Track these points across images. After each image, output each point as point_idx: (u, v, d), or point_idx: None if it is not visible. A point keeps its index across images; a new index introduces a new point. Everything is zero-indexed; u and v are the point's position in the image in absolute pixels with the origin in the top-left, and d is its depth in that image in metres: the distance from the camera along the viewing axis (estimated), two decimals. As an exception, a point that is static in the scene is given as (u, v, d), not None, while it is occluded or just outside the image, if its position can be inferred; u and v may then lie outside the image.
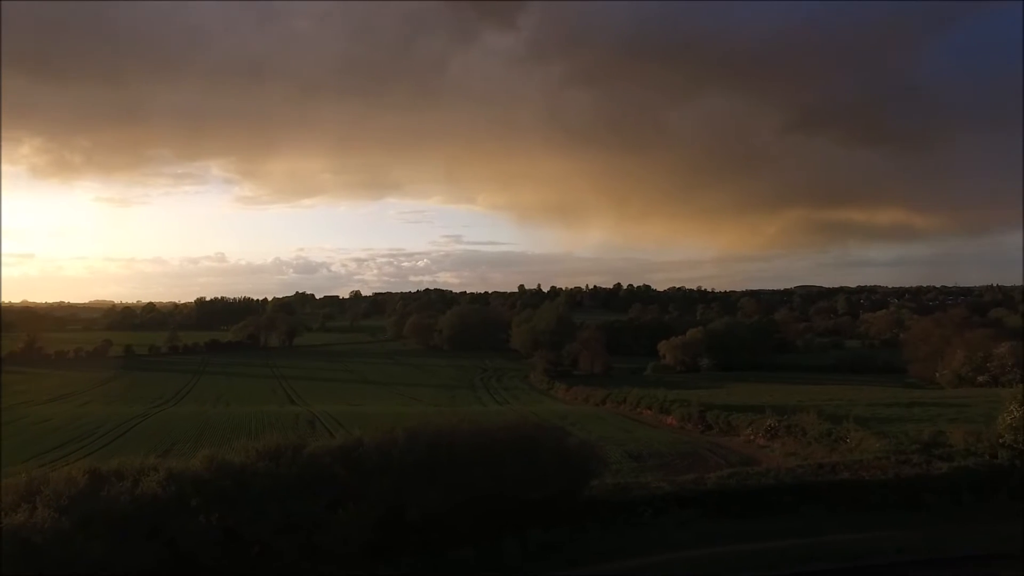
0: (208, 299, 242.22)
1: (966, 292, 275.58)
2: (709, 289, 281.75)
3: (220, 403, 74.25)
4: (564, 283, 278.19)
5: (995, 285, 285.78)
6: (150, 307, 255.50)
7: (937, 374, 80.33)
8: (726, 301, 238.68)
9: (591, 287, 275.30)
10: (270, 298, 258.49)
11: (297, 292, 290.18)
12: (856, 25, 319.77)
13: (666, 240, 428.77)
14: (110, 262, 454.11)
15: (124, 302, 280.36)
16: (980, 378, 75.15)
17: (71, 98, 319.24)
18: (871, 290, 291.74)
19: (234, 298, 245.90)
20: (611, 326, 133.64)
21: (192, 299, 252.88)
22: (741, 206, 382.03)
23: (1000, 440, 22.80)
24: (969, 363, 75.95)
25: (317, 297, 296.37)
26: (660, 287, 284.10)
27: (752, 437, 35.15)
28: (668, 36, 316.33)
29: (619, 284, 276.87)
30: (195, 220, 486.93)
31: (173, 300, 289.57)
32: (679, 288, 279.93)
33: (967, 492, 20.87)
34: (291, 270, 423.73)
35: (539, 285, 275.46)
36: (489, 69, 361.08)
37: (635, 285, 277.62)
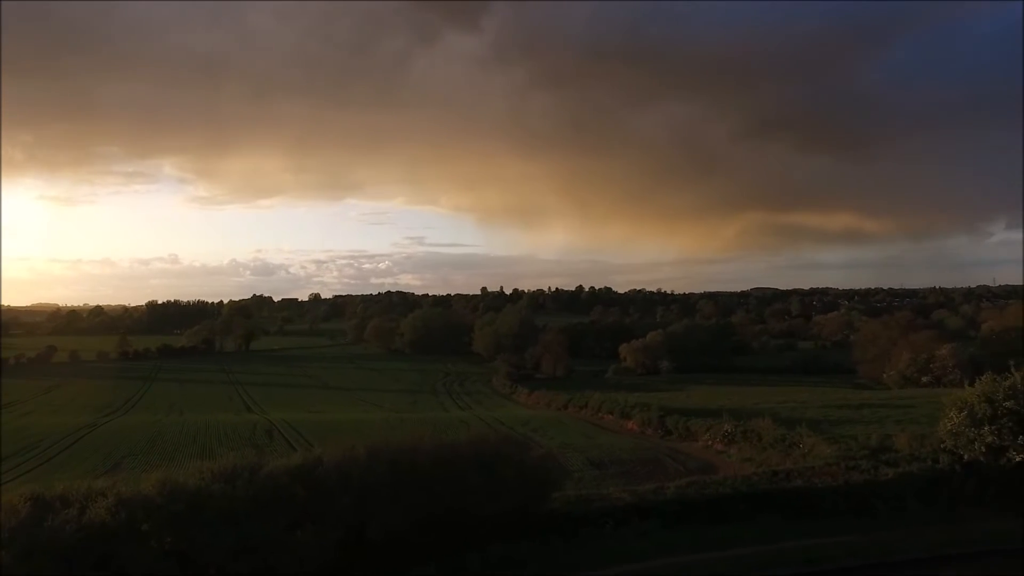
0: (160, 302, 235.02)
1: (912, 294, 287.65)
2: (669, 291, 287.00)
3: (173, 412, 71.95)
4: (527, 285, 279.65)
5: (938, 287, 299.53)
6: (98, 310, 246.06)
7: (884, 375, 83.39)
8: (685, 303, 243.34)
9: (553, 289, 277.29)
10: (226, 301, 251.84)
11: (254, 295, 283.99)
12: (806, 36, 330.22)
13: (627, 242, 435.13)
14: (55, 263, 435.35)
15: (70, 305, 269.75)
16: (924, 378, 78.37)
17: (10, 91, 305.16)
18: (823, 292, 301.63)
19: (188, 301, 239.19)
20: (573, 329, 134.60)
21: (143, 302, 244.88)
22: (700, 209, 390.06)
23: (942, 445, 23.80)
24: (914, 364, 79.07)
25: (275, 300, 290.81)
26: (621, 289, 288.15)
27: (710, 442, 35.86)
28: (629, 41, 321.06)
29: (581, 286, 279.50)
30: (146, 220, 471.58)
31: (123, 303, 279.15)
32: (639, 290, 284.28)
33: (912, 498, 21.72)
34: (248, 272, 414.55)
35: (501, 287, 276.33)
36: (452, 70, 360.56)
37: (597, 287, 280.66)
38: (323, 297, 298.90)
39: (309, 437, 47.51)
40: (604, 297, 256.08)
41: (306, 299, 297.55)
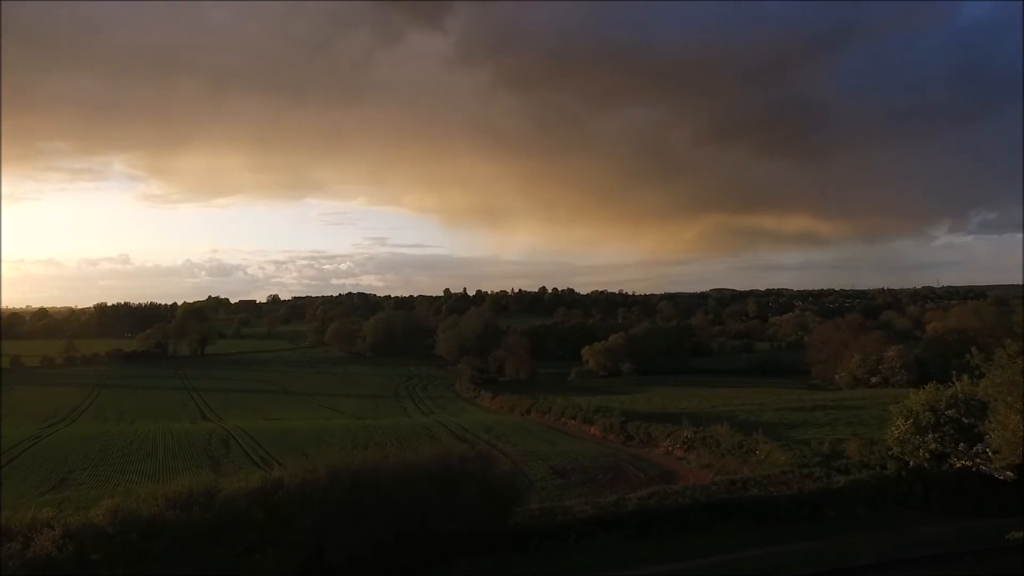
0: (110, 304, 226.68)
1: (861, 295, 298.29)
2: (630, 292, 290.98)
3: (124, 421, 69.49)
4: (490, 287, 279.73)
5: (886, 289, 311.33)
6: (42, 313, 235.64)
7: (836, 376, 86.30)
8: (646, 304, 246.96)
9: (517, 291, 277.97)
10: (180, 303, 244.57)
11: (210, 296, 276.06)
12: (764, 43, 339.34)
13: (591, 244, 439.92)
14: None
15: (11, 307, 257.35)
16: (873, 379, 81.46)
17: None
18: (779, 293, 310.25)
19: (139, 303, 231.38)
20: (536, 331, 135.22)
21: (91, 304, 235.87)
22: (663, 212, 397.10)
23: (889, 452, 24.74)
24: (863, 366, 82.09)
25: (232, 302, 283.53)
26: (584, 291, 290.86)
27: (671, 448, 36.47)
28: (592, 44, 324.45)
29: (544, 288, 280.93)
30: (94, 219, 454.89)
31: (69, 305, 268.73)
32: (602, 292, 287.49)
33: (861, 504, 22.52)
34: (204, 273, 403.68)
35: (465, 289, 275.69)
36: (416, 70, 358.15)
37: (560, 289, 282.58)
38: (282, 299, 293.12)
39: (268, 447, 46.50)
40: (567, 299, 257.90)
41: (264, 301, 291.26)
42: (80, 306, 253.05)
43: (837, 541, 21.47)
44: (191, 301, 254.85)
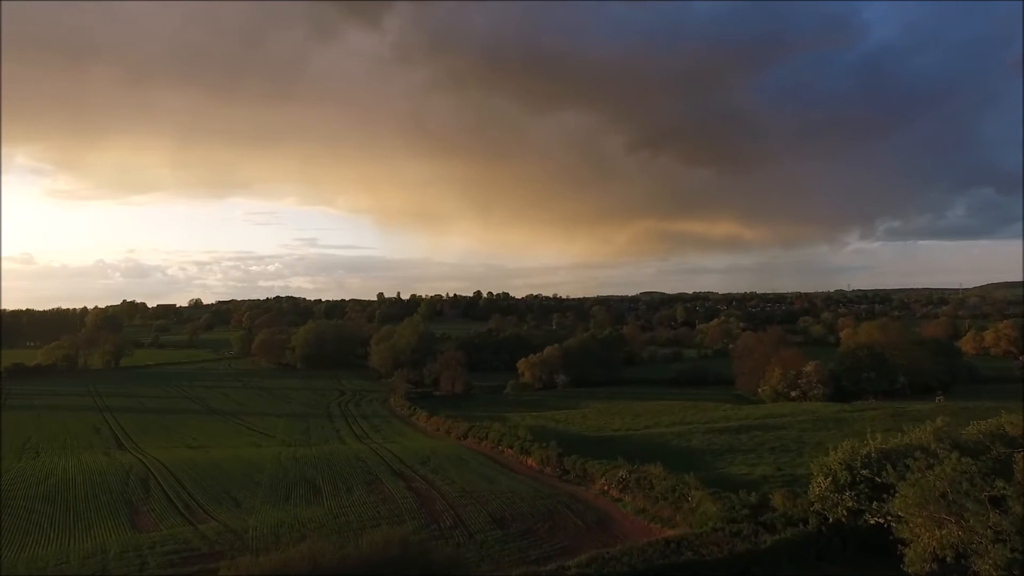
0: (10, 310, 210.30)
1: (781, 299, 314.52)
2: (564, 296, 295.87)
3: (27, 454, 64.06)
4: (424, 289, 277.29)
5: (802, 293, 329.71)
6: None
7: (759, 389, 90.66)
8: (580, 309, 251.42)
9: (451, 295, 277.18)
10: (91, 307, 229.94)
11: (125, 300, 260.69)
12: (692, 54, 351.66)
13: (525, 247, 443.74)
14: None
15: None
16: (793, 392, 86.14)
17: None
18: (705, 297, 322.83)
19: (45, 309, 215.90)
20: (471, 343, 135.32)
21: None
22: (596, 216, 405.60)
23: (812, 507, 26.15)
24: (784, 380, 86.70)
25: (150, 306, 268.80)
26: (518, 294, 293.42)
27: (606, 487, 37.22)
28: (528, 49, 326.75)
29: (479, 292, 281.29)
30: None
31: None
32: (536, 295, 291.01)
33: (787, 563, 23.70)
34: (118, 274, 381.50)
35: (399, 293, 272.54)
36: (351, 69, 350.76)
37: (495, 292, 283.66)
38: (205, 303, 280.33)
39: (192, 488, 44.38)
40: (502, 303, 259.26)
41: (186, 305, 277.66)
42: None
43: (764, 602, 22.54)
44: (104, 305, 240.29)
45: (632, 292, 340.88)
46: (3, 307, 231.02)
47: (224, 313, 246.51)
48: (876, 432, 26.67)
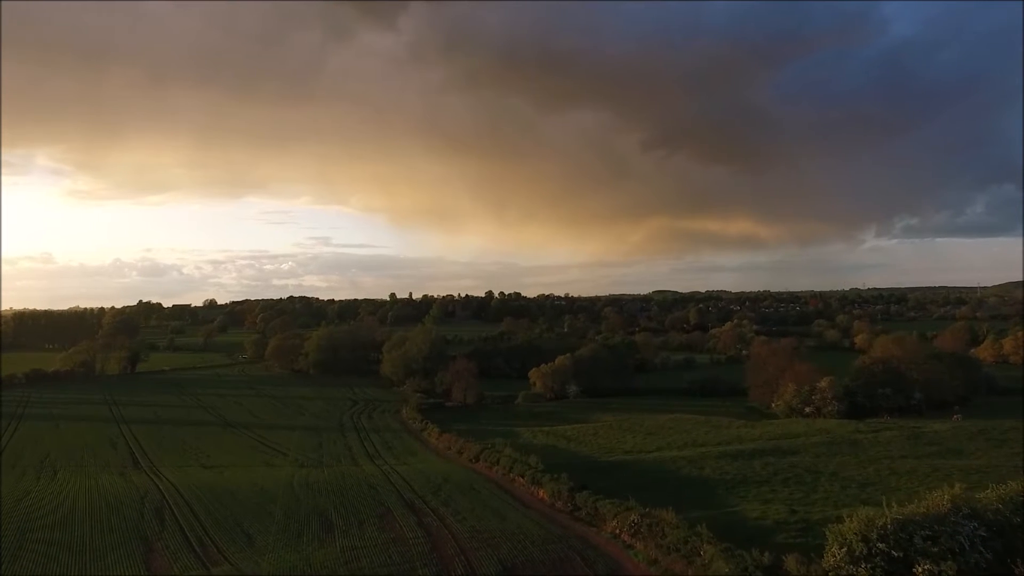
0: (29, 310, 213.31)
1: (796, 299, 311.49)
2: (576, 295, 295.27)
3: (45, 472, 65.07)
4: (436, 288, 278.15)
5: (817, 292, 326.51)
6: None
7: (773, 404, 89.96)
8: (592, 310, 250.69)
9: (463, 295, 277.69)
10: (108, 307, 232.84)
11: (141, 301, 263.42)
12: (707, 52, 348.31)
13: (539, 246, 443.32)
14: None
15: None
16: (807, 409, 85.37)
17: None
18: (718, 296, 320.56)
19: (63, 309, 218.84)
20: (483, 350, 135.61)
21: (7, 307, 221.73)
22: (610, 215, 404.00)
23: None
24: (798, 396, 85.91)
25: (165, 305, 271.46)
26: (530, 293, 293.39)
27: (618, 531, 37.03)
28: (543, 48, 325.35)
29: (491, 292, 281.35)
30: (13, 215, 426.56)
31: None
32: (548, 295, 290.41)
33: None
34: (135, 273, 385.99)
35: (411, 293, 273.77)
36: (367, 69, 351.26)
37: (507, 292, 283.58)
38: (220, 302, 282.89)
39: (206, 521, 44.78)
40: (513, 304, 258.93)
41: (200, 304, 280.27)
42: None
43: None
44: (120, 305, 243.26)
45: (645, 291, 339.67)
46: (24, 306, 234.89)
47: (238, 314, 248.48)
48: (892, 497, 26.26)
